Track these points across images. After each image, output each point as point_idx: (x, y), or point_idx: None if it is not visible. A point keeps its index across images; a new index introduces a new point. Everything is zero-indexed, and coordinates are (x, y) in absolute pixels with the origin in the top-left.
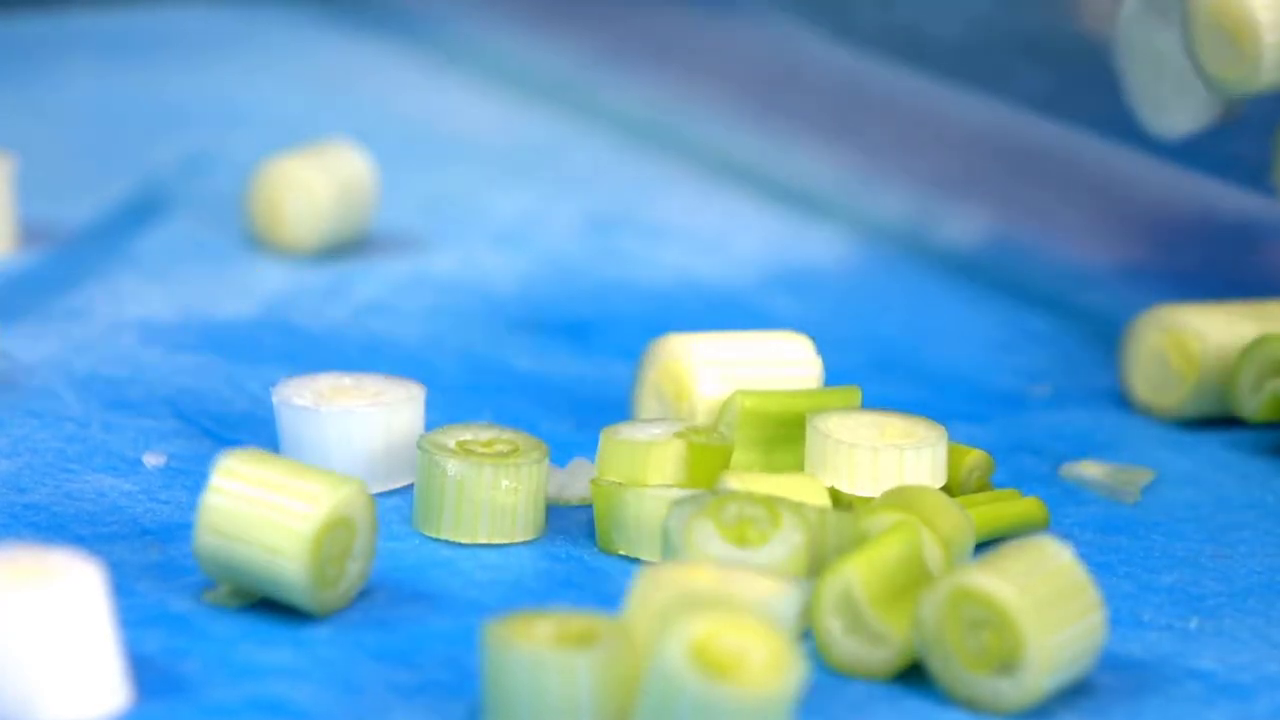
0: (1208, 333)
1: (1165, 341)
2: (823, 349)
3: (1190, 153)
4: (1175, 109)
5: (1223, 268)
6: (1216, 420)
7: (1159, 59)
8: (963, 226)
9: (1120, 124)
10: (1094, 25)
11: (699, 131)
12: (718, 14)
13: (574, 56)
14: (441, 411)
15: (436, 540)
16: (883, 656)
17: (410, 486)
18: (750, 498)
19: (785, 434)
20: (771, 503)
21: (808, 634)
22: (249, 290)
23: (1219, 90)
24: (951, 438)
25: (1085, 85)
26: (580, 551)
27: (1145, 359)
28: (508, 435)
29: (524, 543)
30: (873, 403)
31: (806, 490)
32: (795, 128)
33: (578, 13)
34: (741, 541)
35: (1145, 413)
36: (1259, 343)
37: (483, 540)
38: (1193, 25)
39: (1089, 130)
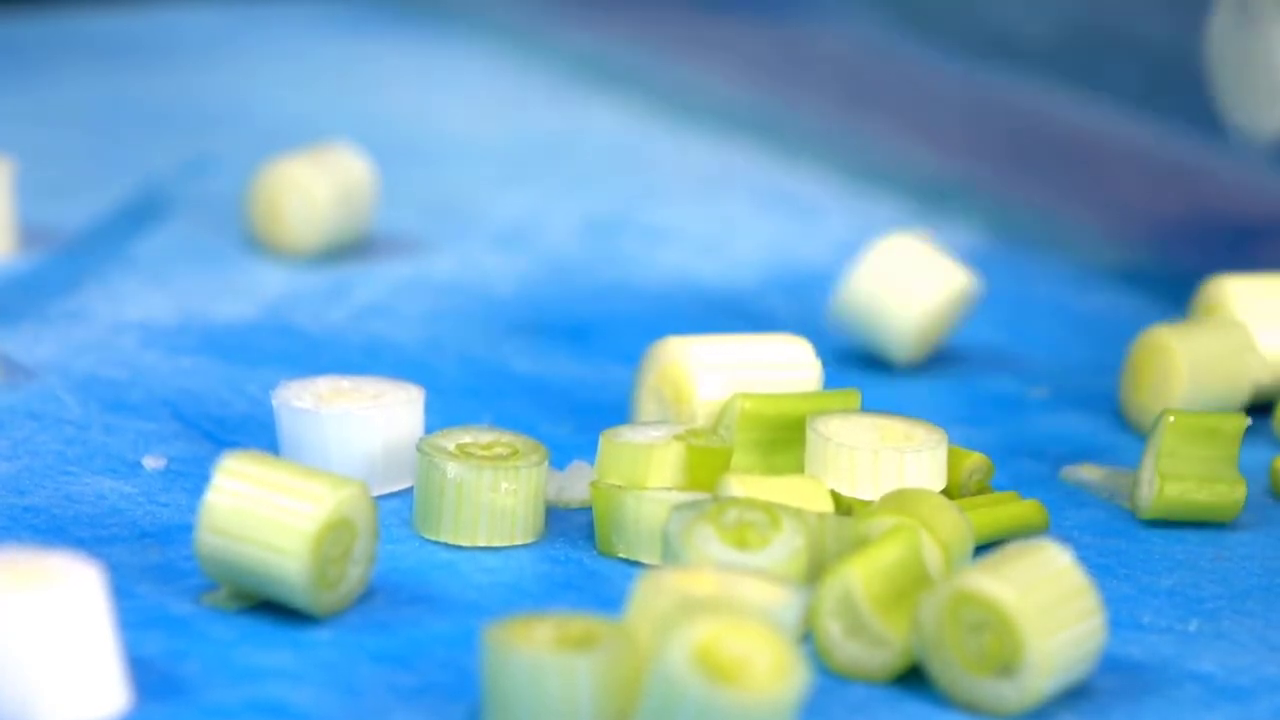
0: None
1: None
2: (822, 352)
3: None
4: (1266, 110)
5: (1221, 268)
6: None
7: (1250, 62)
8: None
9: (1208, 124)
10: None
11: (699, 131)
12: (717, 12)
13: (575, 58)
14: (441, 414)
15: (436, 543)
16: (883, 659)
17: (410, 489)
18: (750, 502)
19: (785, 437)
20: (771, 507)
21: (808, 637)
22: (249, 292)
23: None
24: (951, 441)
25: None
26: (580, 554)
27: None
28: (507, 438)
29: (523, 545)
30: (872, 405)
31: (810, 492)
32: (800, 126)
33: (578, 13)
34: (742, 545)
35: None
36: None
37: (482, 543)
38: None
39: (1179, 129)
